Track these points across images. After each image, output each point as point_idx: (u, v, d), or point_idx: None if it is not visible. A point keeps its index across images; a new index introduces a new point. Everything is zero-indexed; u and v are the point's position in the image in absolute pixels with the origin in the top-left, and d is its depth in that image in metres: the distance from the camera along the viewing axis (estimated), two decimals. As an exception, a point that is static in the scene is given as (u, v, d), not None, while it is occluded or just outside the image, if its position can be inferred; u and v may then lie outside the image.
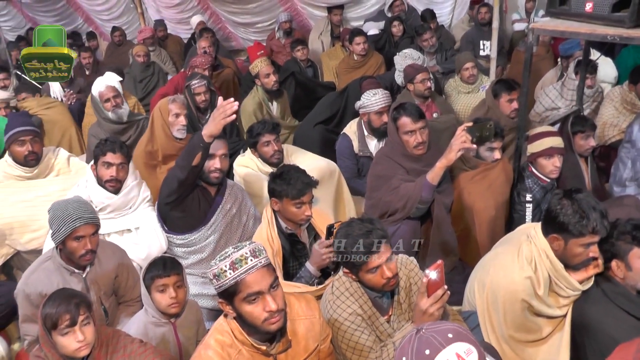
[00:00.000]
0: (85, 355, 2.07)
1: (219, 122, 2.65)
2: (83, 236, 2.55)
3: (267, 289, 1.84)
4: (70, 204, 2.60)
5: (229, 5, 8.12)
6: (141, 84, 6.10)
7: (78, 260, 2.61)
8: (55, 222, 2.56)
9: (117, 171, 3.14)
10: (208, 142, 2.76)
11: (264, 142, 3.52)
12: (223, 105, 2.63)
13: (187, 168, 2.82)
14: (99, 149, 3.15)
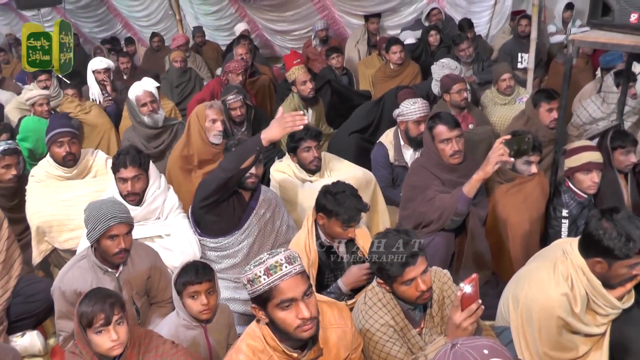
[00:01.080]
0: (118, 354, 2.11)
1: (285, 129, 2.68)
2: (117, 235, 2.61)
3: (301, 296, 1.84)
4: (105, 203, 2.67)
5: (266, 13, 8.22)
6: (178, 89, 6.19)
7: (112, 259, 2.67)
8: (90, 221, 2.63)
9: (132, 185, 3.18)
10: (266, 146, 2.78)
11: (305, 147, 3.54)
12: (293, 116, 2.65)
13: (234, 170, 2.84)
14: (113, 166, 3.20)
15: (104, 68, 5.77)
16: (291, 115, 2.67)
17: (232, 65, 5.32)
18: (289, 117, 2.67)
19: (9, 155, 3.63)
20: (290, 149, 3.61)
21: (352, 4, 7.58)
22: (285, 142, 4.20)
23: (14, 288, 3.21)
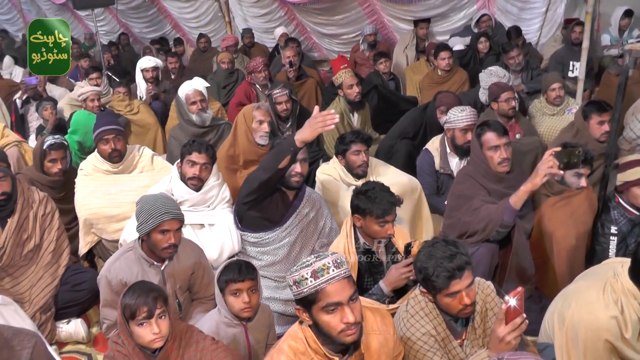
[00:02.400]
0: (159, 346, 2.15)
1: (316, 130, 2.69)
2: (168, 230, 2.67)
3: (347, 300, 1.84)
4: (159, 198, 2.73)
5: (315, 17, 8.25)
6: (224, 90, 6.27)
7: (160, 253, 2.72)
8: (142, 214, 2.68)
9: (200, 170, 3.30)
10: (299, 147, 2.80)
11: (354, 150, 3.54)
12: (323, 115, 2.66)
13: (272, 170, 2.89)
14: (187, 148, 3.32)
15: (152, 66, 5.94)
16: (322, 115, 2.68)
17: (252, 65, 5.44)
18: (320, 117, 2.67)
19: (55, 150, 3.73)
20: (340, 151, 3.61)
21: (402, 9, 7.54)
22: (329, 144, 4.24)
23: (62, 276, 3.32)
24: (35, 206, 3.31)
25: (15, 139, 4.93)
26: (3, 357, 2.06)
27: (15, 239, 3.20)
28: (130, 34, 10.91)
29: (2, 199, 3.15)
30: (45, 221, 3.33)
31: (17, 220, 3.21)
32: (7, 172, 3.22)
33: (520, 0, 7.08)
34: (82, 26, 11.82)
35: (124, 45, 10.14)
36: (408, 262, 2.59)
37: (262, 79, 5.42)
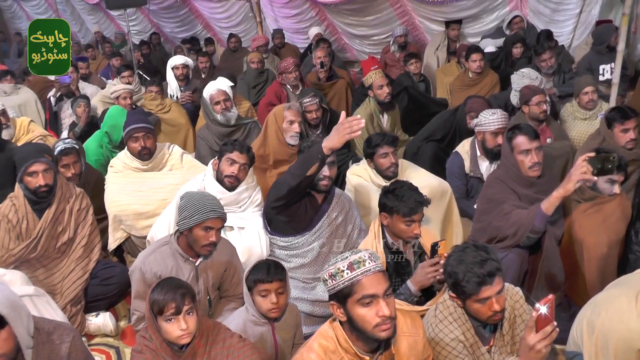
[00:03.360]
0: (186, 343, 2.16)
1: (343, 136, 2.67)
2: (211, 227, 2.69)
3: (382, 293, 1.84)
4: (205, 196, 2.77)
5: (346, 17, 8.25)
6: (254, 89, 6.30)
7: (199, 249, 2.74)
8: (188, 209, 2.70)
9: (239, 170, 3.31)
10: (327, 155, 2.79)
11: (382, 153, 3.52)
12: (349, 121, 2.63)
13: (300, 177, 2.89)
14: (228, 147, 3.33)
15: (182, 64, 6.02)
16: (348, 121, 2.65)
17: (283, 65, 5.45)
18: (347, 124, 2.64)
19: (66, 156, 3.78)
20: (367, 154, 3.59)
21: (433, 10, 7.49)
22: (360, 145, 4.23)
23: (92, 270, 3.39)
24: (72, 201, 3.38)
25: (40, 133, 5.05)
26: (45, 351, 2.09)
27: (50, 231, 3.28)
28: (161, 33, 11.05)
29: (44, 191, 3.23)
30: (80, 216, 3.41)
31: (53, 212, 3.28)
32: (51, 165, 3.29)
33: (553, 2, 6.93)
34: (114, 25, 12.04)
35: (155, 45, 10.29)
36: (434, 262, 2.57)
37: (293, 80, 5.43)
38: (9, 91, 6.77)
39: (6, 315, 1.91)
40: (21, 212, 3.26)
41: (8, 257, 3.21)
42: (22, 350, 2.01)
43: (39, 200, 3.26)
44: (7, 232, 3.25)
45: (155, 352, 2.19)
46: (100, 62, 9.57)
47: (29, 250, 3.24)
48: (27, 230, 3.27)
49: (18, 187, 3.30)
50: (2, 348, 1.92)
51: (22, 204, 3.27)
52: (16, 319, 1.96)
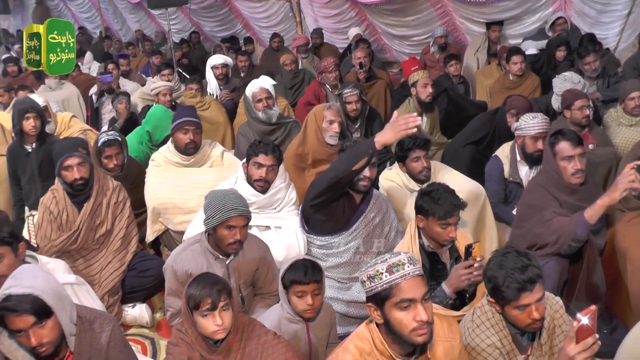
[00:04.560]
0: (221, 338, 2.18)
1: (398, 132, 2.67)
2: (234, 226, 2.70)
3: (420, 298, 1.83)
4: (227, 194, 2.77)
5: (386, 18, 8.19)
6: (291, 90, 6.33)
7: (225, 248, 2.76)
8: (210, 209, 2.73)
9: (266, 172, 3.30)
10: (378, 150, 2.78)
11: (414, 157, 3.48)
12: (405, 118, 2.63)
13: (345, 171, 2.87)
14: (253, 149, 3.32)
15: (221, 63, 6.09)
16: (404, 118, 2.64)
17: (323, 65, 5.43)
18: (402, 120, 2.64)
19: (109, 147, 3.85)
20: (399, 158, 3.57)
21: (474, 11, 7.37)
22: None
23: (130, 262, 3.45)
24: (109, 194, 3.45)
25: (80, 127, 5.16)
26: (86, 338, 2.15)
27: (89, 224, 3.36)
28: (201, 32, 11.19)
29: (80, 184, 3.30)
30: (117, 209, 3.47)
31: (92, 205, 3.36)
32: (86, 158, 3.36)
33: (599, 2, 6.70)
34: (155, 24, 12.27)
35: (195, 43, 10.43)
36: (468, 264, 2.54)
37: (333, 80, 5.41)
38: (54, 86, 6.99)
39: (52, 306, 1.98)
40: (61, 204, 3.35)
41: (50, 247, 3.30)
42: (66, 338, 2.07)
43: (75, 193, 3.34)
44: (49, 223, 3.34)
45: (191, 346, 2.22)
46: (140, 60, 9.76)
47: (70, 242, 3.32)
48: (67, 222, 3.35)
49: (57, 180, 3.39)
50: (49, 336, 2.00)
51: (61, 196, 3.36)
52: (61, 309, 2.03)
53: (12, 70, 8.31)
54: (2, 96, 6.15)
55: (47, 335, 1.99)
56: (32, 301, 1.95)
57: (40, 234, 3.37)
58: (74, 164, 3.28)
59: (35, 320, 1.96)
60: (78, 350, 2.12)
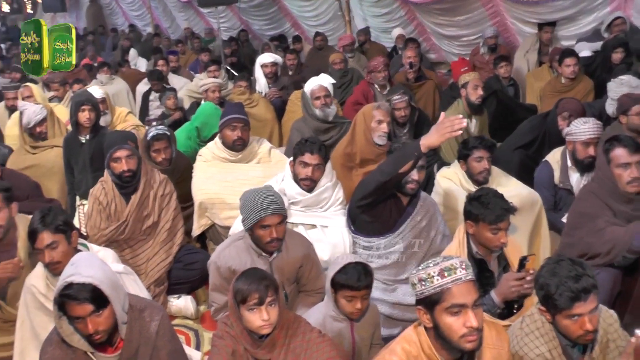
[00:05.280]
0: (266, 333, 2.20)
1: (443, 135, 2.63)
2: (269, 225, 2.71)
3: (471, 304, 1.81)
4: (258, 194, 2.78)
5: (436, 17, 8.10)
6: (339, 89, 6.30)
7: (264, 247, 2.79)
8: (244, 210, 2.77)
9: (312, 171, 3.31)
10: (424, 152, 2.75)
11: (477, 157, 3.43)
12: (451, 120, 2.60)
13: (392, 173, 2.84)
14: (299, 148, 3.34)
15: (271, 62, 6.13)
16: (449, 120, 2.60)
17: (372, 64, 5.40)
18: (447, 122, 2.60)
19: (157, 141, 3.93)
20: (462, 156, 3.52)
21: (527, 10, 7.20)
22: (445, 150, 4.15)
23: (176, 254, 3.52)
24: (156, 186, 3.52)
25: (134, 123, 5.30)
26: (136, 327, 2.21)
27: (137, 215, 3.44)
28: (249, 30, 11.31)
29: (128, 176, 3.39)
30: (163, 201, 3.54)
31: (139, 197, 3.44)
32: (134, 151, 3.46)
33: (665, 0, 6.44)
34: (204, 22, 12.46)
35: (243, 41, 10.56)
36: (520, 276, 2.49)
37: (382, 79, 5.38)
38: (105, 81, 7.23)
39: (109, 295, 2.05)
40: (109, 195, 3.45)
41: (99, 236, 3.40)
42: (118, 325, 2.14)
43: (123, 184, 3.42)
44: (99, 213, 3.45)
45: (236, 339, 2.24)
46: (189, 57, 9.94)
47: (118, 232, 3.41)
48: (115, 212, 3.44)
49: (106, 171, 3.49)
50: (104, 325, 2.07)
51: (110, 188, 3.45)
52: (116, 298, 2.10)
53: None
54: (57, 90, 6.37)
55: (103, 323, 2.06)
56: (92, 290, 2.01)
57: (90, 223, 3.48)
58: (123, 156, 3.37)
59: (94, 309, 2.03)
60: (128, 337, 2.18)
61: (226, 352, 2.22)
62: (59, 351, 2.15)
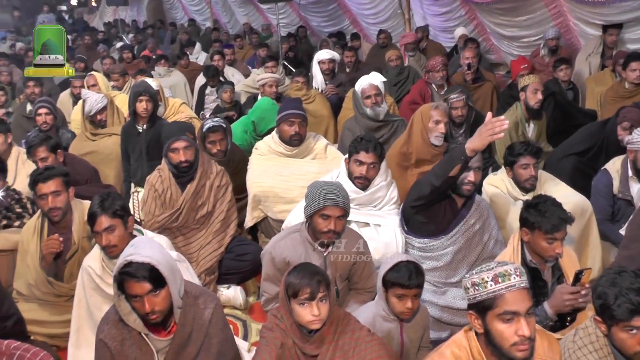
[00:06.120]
0: (316, 328, 2.21)
1: (485, 138, 2.60)
2: (329, 216, 2.74)
3: (524, 312, 1.78)
4: (327, 184, 2.83)
5: (497, 17, 7.93)
6: (395, 87, 6.29)
7: (320, 236, 2.81)
8: (309, 197, 2.80)
9: (367, 170, 3.32)
10: (470, 156, 2.73)
11: (523, 164, 3.37)
12: (492, 122, 2.56)
13: (442, 177, 2.85)
14: (354, 146, 3.34)
15: (328, 59, 6.15)
16: (491, 122, 2.56)
17: (431, 64, 5.34)
18: (489, 125, 2.56)
19: (213, 133, 4.01)
20: (508, 162, 3.46)
21: (592, 11, 6.93)
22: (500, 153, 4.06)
23: (228, 245, 3.60)
24: (212, 177, 3.61)
25: (187, 115, 5.41)
26: (190, 313, 2.28)
27: (191, 204, 3.53)
28: (308, 26, 11.36)
29: (185, 166, 3.49)
30: (219, 192, 3.62)
31: (195, 186, 3.53)
32: (192, 142, 3.55)
33: None
34: (263, 18, 12.63)
35: (301, 38, 10.61)
36: (575, 290, 2.43)
37: (439, 79, 5.33)
38: (163, 74, 7.44)
39: (167, 277, 2.12)
40: (166, 183, 3.55)
41: (153, 222, 3.51)
42: (173, 309, 2.21)
43: (180, 174, 3.52)
44: (154, 200, 3.55)
45: (285, 332, 2.27)
46: (246, 52, 10.09)
47: (172, 220, 3.52)
48: (170, 200, 3.54)
49: (164, 160, 3.59)
50: (161, 304, 2.14)
51: (167, 176, 3.56)
52: (173, 281, 2.16)
53: (127, 57, 9.10)
54: (117, 80, 6.59)
55: (159, 303, 2.13)
56: (150, 270, 2.08)
57: (145, 209, 3.60)
58: (181, 147, 3.47)
59: (151, 289, 2.10)
60: (182, 322, 2.24)
61: (274, 344, 2.24)
62: (114, 330, 2.24)
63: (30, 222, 3.26)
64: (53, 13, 17.05)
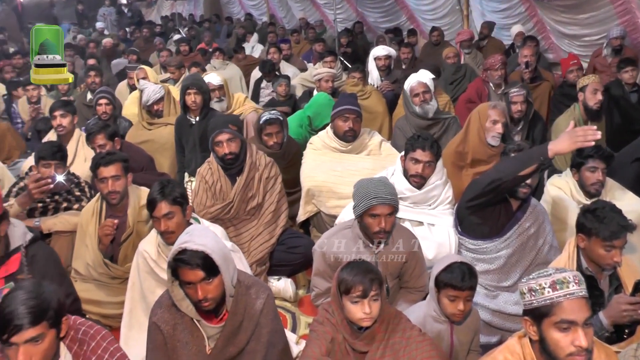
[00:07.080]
0: (367, 326, 2.21)
1: (575, 143, 2.55)
2: (378, 214, 2.74)
3: (582, 322, 1.74)
4: (372, 183, 2.81)
5: (558, 14, 7.67)
6: (451, 85, 6.21)
7: (372, 236, 2.81)
8: (356, 197, 2.80)
9: (423, 168, 3.28)
10: (551, 158, 2.67)
11: (591, 167, 3.26)
12: (585, 129, 2.51)
13: (511, 175, 2.77)
14: (411, 144, 3.32)
15: (384, 55, 6.12)
16: (583, 130, 2.50)
17: (490, 62, 5.23)
18: (581, 131, 2.50)
19: (270, 125, 4.06)
20: (575, 164, 3.36)
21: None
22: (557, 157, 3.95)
23: (279, 237, 3.64)
24: (261, 169, 3.66)
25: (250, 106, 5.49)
26: (242, 302, 2.31)
27: (242, 196, 3.59)
28: (364, 22, 11.31)
29: (230, 158, 3.55)
30: (268, 183, 3.67)
31: (244, 179, 3.59)
32: (236, 134, 3.60)
33: None
34: (319, 13, 12.63)
35: (358, 33, 10.56)
36: (634, 301, 2.34)
37: (497, 78, 5.20)
38: (218, 66, 7.56)
39: (220, 265, 2.15)
40: (215, 175, 3.62)
41: (205, 214, 3.57)
42: (225, 298, 2.24)
43: (226, 166, 3.58)
44: (205, 191, 3.63)
45: (335, 327, 2.28)
46: (303, 46, 10.13)
47: (224, 212, 3.58)
48: (220, 192, 3.61)
49: (212, 153, 3.66)
50: (214, 292, 2.17)
51: (216, 168, 3.63)
52: (226, 270, 2.20)
53: (184, 50, 9.28)
54: (174, 73, 6.75)
55: (212, 291, 2.16)
56: (204, 258, 2.12)
57: (196, 200, 3.67)
58: (224, 139, 3.53)
59: (204, 276, 2.13)
60: (234, 310, 2.27)
61: (325, 338, 2.26)
62: (167, 314, 2.29)
63: (89, 205, 3.39)
64: (113, 7, 17.52)
